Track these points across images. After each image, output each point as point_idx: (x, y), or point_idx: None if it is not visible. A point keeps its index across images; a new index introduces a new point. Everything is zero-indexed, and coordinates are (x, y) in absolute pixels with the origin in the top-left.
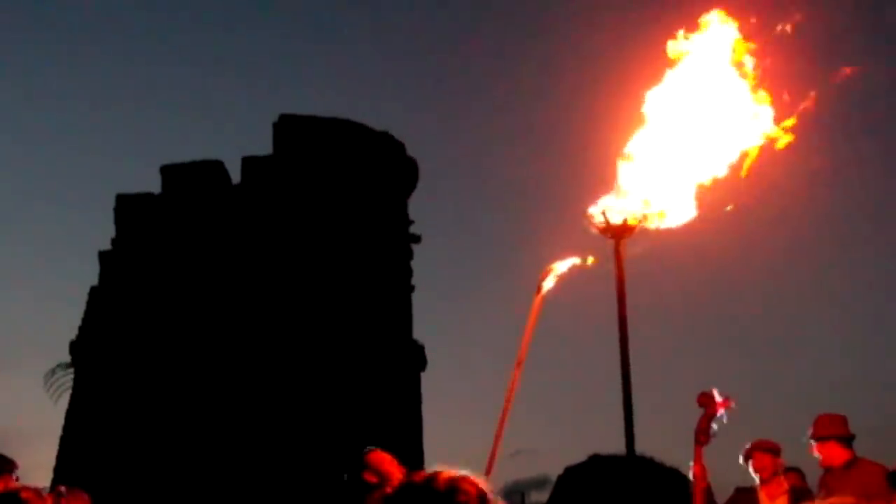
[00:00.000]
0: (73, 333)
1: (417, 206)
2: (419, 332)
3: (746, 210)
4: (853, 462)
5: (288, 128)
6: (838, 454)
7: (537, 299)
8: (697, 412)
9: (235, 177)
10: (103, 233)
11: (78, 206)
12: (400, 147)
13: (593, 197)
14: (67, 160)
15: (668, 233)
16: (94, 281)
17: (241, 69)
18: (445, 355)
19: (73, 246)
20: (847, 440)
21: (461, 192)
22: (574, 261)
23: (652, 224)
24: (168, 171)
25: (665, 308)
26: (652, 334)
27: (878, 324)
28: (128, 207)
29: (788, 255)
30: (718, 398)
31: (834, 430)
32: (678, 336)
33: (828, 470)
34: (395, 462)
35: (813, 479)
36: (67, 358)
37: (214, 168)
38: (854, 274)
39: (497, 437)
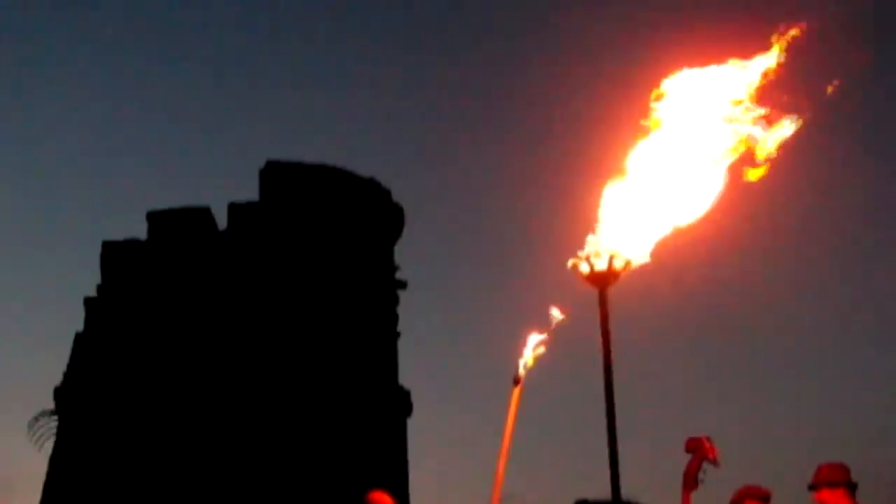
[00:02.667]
0: (57, 380)
1: (403, 252)
2: (405, 378)
3: (732, 248)
4: None
5: (274, 174)
6: (845, 503)
7: (515, 391)
8: (685, 457)
9: (222, 223)
10: (89, 279)
11: (64, 253)
12: (386, 194)
13: (579, 243)
14: (53, 206)
15: (652, 275)
16: (80, 327)
17: (228, 116)
18: (433, 401)
19: (59, 292)
20: (853, 488)
21: (448, 238)
22: (541, 338)
23: (635, 266)
24: (154, 218)
25: (651, 351)
26: (638, 377)
27: (873, 366)
28: (114, 254)
29: (777, 295)
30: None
31: (842, 476)
32: (665, 379)
33: None
34: None
35: None
36: (52, 405)
37: (201, 214)
38: (849, 313)
39: None
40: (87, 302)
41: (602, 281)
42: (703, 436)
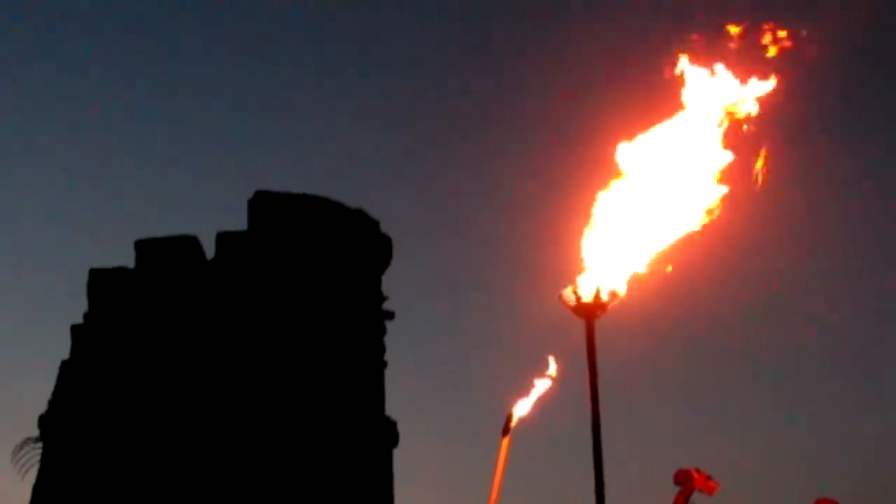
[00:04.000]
0: (42, 408)
1: (391, 282)
2: (392, 408)
3: (719, 276)
4: None
5: (263, 204)
6: None
7: (504, 443)
8: (673, 489)
9: (210, 252)
10: (76, 307)
11: (50, 280)
12: (374, 224)
13: (569, 275)
14: (40, 234)
15: (638, 304)
16: (66, 355)
17: (216, 145)
18: (420, 431)
19: (45, 320)
20: None
21: (436, 268)
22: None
23: (622, 296)
24: (142, 246)
25: (639, 380)
26: (625, 408)
27: (868, 397)
28: (101, 282)
29: (769, 321)
30: (709, 479)
31: None
32: (653, 410)
33: None
34: None
35: None
36: (36, 432)
37: (189, 243)
38: (844, 341)
39: None
40: (74, 330)
41: (589, 312)
42: (692, 467)
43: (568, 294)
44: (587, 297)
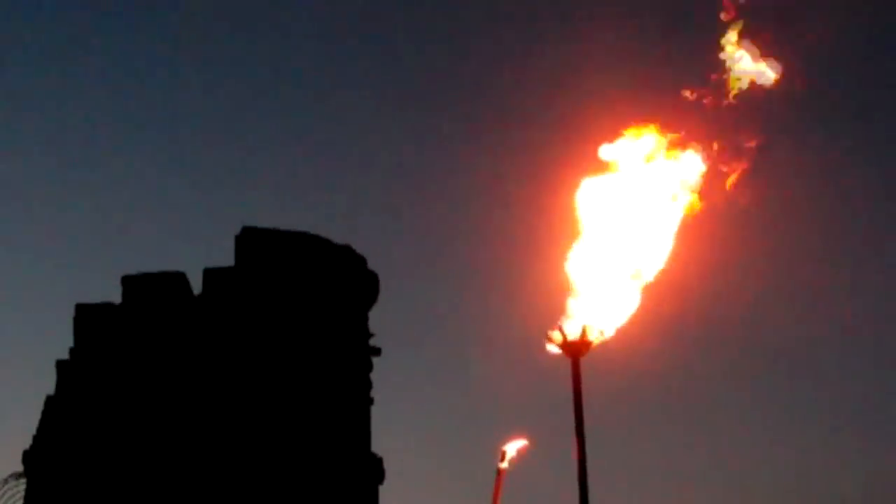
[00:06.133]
0: (27, 443)
1: (378, 319)
2: (378, 445)
3: (703, 311)
4: None
5: (250, 240)
6: None
7: (498, 480)
8: None
9: (197, 288)
10: (62, 342)
11: (36, 315)
12: (361, 261)
13: (554, 310)
14: (27, 269)
15: (624, 341)
16: (51, 390)
17: (203, 181)
18: (406, 467)
19: (30, 355)
20: None
21: (423, 305)
22: (524, 443)
23: (607, 334)
24: (129, 282)
25: (625, 417)
26: (612, 442)
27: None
28: (88, 317)
29: (756, 357)
30: None
31: None
32: (639, 445)
33: None
34: None
35: None
36: (20, 468)
37: (176, 279)
38: (827, 377)
39: None
40: (60, 365)
41: (575, 350)
42: None
43: (554, 333)
44: (573, 336)
